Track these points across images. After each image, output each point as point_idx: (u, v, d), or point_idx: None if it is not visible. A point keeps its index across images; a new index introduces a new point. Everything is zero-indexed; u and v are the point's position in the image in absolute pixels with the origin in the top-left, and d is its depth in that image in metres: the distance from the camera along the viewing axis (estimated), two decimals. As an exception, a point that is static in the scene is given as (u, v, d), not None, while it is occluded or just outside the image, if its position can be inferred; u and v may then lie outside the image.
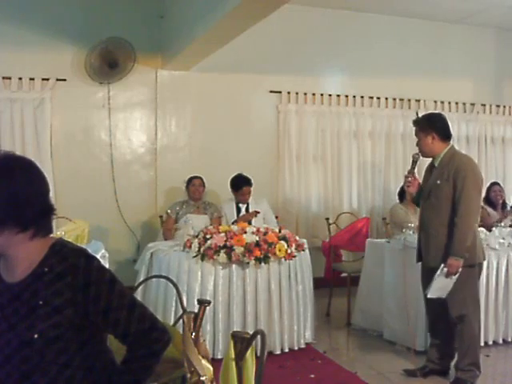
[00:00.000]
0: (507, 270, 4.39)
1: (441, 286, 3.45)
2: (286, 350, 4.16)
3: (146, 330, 1.63)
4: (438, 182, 3.50)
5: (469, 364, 3.57)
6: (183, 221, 5.18)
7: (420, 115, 3.90)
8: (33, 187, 1.58)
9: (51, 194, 1.66)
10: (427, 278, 3.57)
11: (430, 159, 3.70)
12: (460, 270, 3.39)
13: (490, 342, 4.36)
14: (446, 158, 3.55)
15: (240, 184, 5.30)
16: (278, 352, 4.10)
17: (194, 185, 5.37)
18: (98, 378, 1.62)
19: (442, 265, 3.41)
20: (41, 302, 1.54)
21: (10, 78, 5.47)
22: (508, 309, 4.43)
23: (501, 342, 4.42)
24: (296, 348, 4.22)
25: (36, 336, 1.52)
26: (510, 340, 4.46)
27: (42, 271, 1.57)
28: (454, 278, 3.41)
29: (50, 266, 1.57)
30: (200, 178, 5.43)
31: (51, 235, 1.65)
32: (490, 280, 4.33)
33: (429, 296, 3.48)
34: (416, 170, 3.79)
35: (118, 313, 1.60)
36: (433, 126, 3.56)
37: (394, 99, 6.79)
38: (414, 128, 3.70)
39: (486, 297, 4.31)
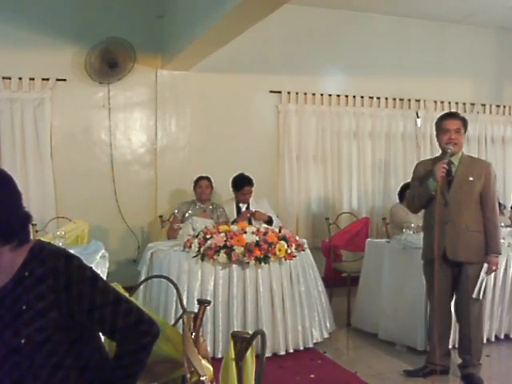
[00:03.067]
0: (506, 269, 4.39)
1: (483, 286, 3.55)
2: (291, 351, 4.13)
3: (133, 324, 1.62)
4: (471, 178, 3.60)
5: (478, 359, 3.67)
6: (188, 222, 5.12)
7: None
8: (12, 200, 1.58)
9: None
10: (456, 273, 3.64)
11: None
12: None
13: (484, 341, 4.36)
14: (465, 157, 3.72)
15: (241, 184, 5.29)
16: (283, 353, 4.09)
17: (201, 187, 5.32)
18: (91, 375, 1.62)
19: (486, 264, 3.54)
20: (24, 307, 1.53)
21: (9, 78, 5.47)
22: (503, 306, 4.44)
23: (493, 339, 4.44)
24: (302, 348, 4.20)
25: (23, 341, 1.51)
26: (502, 337, 4.48)
27: (22, 276, 1.56)
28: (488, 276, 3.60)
29: (30, 270, 1.56)
30: (207, 179, 5.37)
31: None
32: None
33: (481, 297, 3.57)
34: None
35: (104, 310, 1.59)
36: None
37: (394, 99, 6.79)
38: (453, 121, 3.70)
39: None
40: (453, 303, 3.73)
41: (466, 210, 3.59)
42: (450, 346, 3.88)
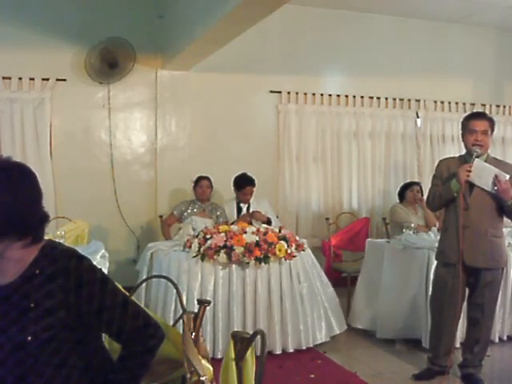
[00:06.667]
0: (507, 270, 4.37)
1: (482, 174, 3.42)
2: (291, 351, 4.12)
3: (140, 326, 1.63)
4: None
5: (480, 359, 3.65)
6: (187, 222, 5.13)
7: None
8: (33, 198, 1.59)
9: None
10: (470, 279, 3.57)
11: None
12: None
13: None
14: (491, 159, 3.62)
15: (243, 183, 5.29)
16: (279, 352, 4.08)
17: (202, 186, 5.33)
18: (94, 376, 1.62)
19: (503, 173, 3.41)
20: (32, 305, 1.53)
21: (9, 78, 5.47)
22: (505, 308, 4.44)
23: (497, 340, 4.43)
24: (304, 348, 4.18)
25: (29, 338, 1.52)
26: (505, 339, 4.49)
27: (32, 273, 1.57)
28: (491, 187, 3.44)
29: (41, 268, 1.57)
30: (207, 179, 5.38)
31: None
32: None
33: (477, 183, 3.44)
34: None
35: (112, 311, 1.60)
36: None
37: (394, 99, 6.79)
38: (480, 122, 3.56)
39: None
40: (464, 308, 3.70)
41: (487, 214, 3.51)
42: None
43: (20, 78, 5.51)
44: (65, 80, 5.67)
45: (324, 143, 6.50)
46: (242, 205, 5.39)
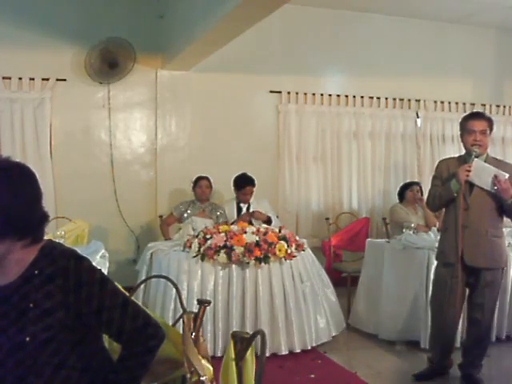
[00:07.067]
0: (506, 270, 4.37)
1: (482, 174, 3.41)
2: (298, 351, 4.11)
3: (140, 327, 1.63)
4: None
5: (480, 359, 3.63)
6: (188, 222, 5.13)
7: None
8: (34, 198, 1.59)
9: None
10: (470, 279, 3.55)
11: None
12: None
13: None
14: (490, 159, 3.60)
15: (243, 183, 5.29)
16: (285, 353, 4.06)
17: (201, 186, 5.33)
18: (94, 376, 1.62)
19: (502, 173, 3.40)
20: (31, 305, 1.53)
21: (9, 78, 5.47)
22: (504, 308, 4.43)
23: (496, 340, 4.40)
24: (309, 348, 4.17)
25: (28, 339, 1.51)
26: (504, 338, 4.48)
27: (31, 274, 1.57)
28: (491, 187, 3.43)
29: (40, 269, 1.57)
30: (207, 179, 5.38)
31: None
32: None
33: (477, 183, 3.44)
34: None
35: (112, 312, 1.60)
36: None
37: (394, 99, 6.79)
38: (478, 122, 3.53)
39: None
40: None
41: (487, 214, 3.50)
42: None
43: (20, 78, 5.51)
44: (65, 80, 5.67)
45: (324, 143, 6.50)
46: (242, 205, 5.39)
